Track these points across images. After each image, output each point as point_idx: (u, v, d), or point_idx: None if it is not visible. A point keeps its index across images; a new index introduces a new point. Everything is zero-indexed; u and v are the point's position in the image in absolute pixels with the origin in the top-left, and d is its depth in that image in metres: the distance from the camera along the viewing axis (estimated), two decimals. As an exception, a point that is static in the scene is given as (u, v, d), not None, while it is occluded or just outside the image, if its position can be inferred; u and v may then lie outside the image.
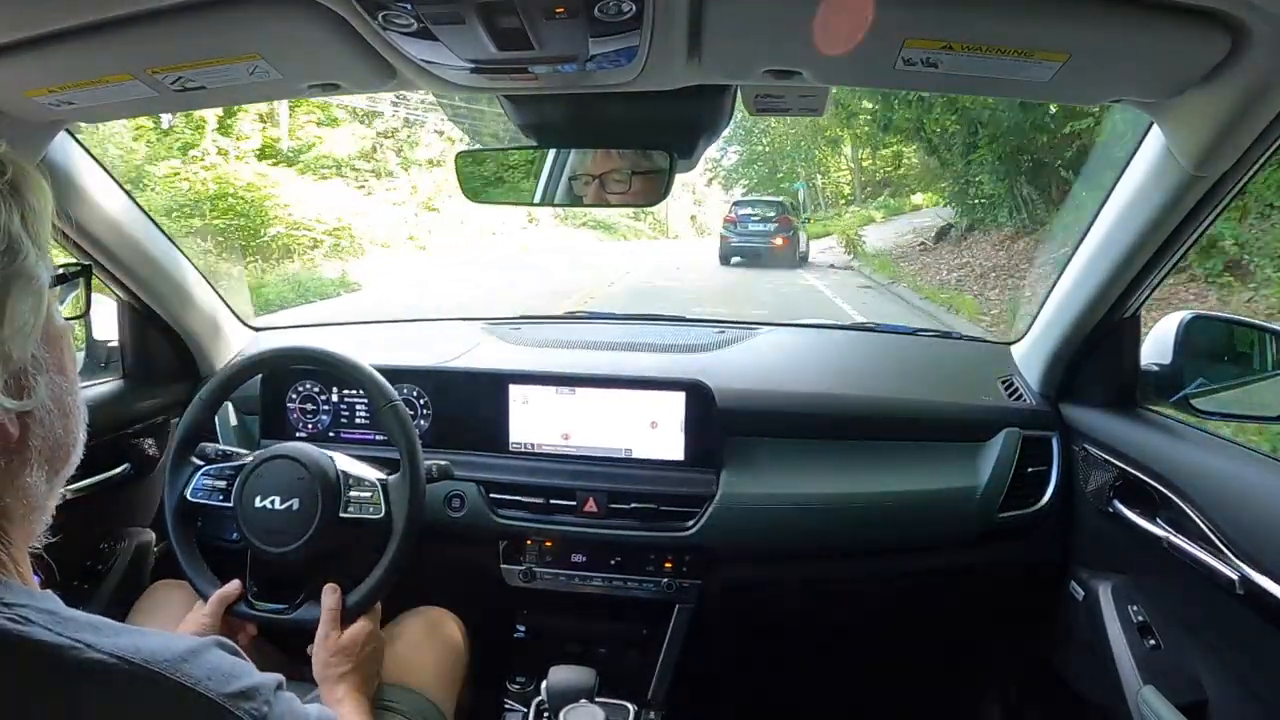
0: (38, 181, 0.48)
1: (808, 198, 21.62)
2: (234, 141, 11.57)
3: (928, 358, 1.59)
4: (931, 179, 15.54)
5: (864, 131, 14.67)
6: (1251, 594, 0.84)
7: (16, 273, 0.45)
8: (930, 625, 1.45)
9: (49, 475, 0.51)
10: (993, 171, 9.67)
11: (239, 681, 0.48)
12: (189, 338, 1.43)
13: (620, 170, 0.98)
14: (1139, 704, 1.02)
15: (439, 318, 1.95)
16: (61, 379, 0.51)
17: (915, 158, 17.30)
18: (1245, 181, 0.88)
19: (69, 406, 0.52)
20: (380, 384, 1.10)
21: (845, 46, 0.73)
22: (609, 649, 1.34)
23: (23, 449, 0.48)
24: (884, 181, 22.07)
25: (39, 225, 0.48)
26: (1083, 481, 1.22)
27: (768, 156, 24.30)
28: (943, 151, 11.15)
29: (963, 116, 9.82)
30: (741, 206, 14.44)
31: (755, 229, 13.49)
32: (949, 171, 11.28)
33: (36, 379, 0.48)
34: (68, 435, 0.52)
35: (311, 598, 1.04)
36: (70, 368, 0.52)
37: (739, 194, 28.90)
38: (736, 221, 13.80)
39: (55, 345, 0.50)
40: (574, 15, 0.65)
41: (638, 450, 1.29)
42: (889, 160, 20.18)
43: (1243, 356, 1.15)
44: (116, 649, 0.44)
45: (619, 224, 26.86)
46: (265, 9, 0.70)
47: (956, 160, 10.58)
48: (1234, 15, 0.62)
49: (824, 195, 24.53)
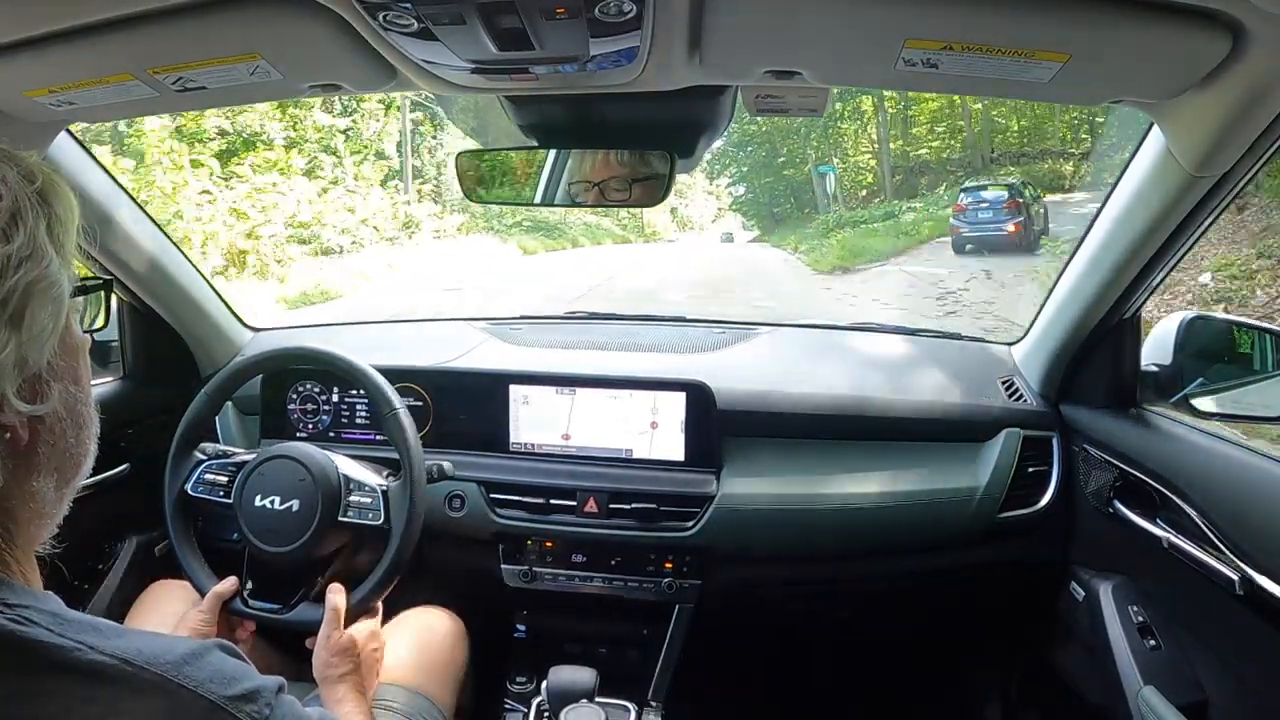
0: (65, 192, 0.49)
1: (838, 187, 19.03)
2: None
3: (928, 358, 1.59)
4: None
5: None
6: (1251, 594, 0.84)
7: (39, 279, 0.45)
8: (930, 625, 1.45)
9: (58, 483, 0.51)
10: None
11: (241, 684, 0.48)
12: (190, 338, 1.43)
13: (620, 171, 0.98)
14: (1139, 704, 1.02)
15: (440, 318, 1.95)
16: (76, 389, 0.51)
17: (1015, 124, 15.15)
18: (1245, 182, 0.88)
19: (82, 417, 0.52)
20: (383, 389, 1.09)
21: (845, 47, 0.73)
22: (609, 649, 1.34)
23: (32, 454, 0.48)
24: (918, 168, 18.31)
25: (64, 235, 0.48)
26: (1083, 482, 1.22)
27: (764, 136, 20.85)
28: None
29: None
30: (967, 195, 12.60)
31: (984, 217, 11.89)
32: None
33: (51, 386, 0.48)
34: (79, 445, 0.52)
35: (308, 598, 1.04)
36: (85, 379, 0.53)
37: (725, 182, 26.17)
38: (965, 210, 12.26)
39: (72, 355, 0.51)
40: (574, 16, 0.65)
41: (638, 450, 1.29)
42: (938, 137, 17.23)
43: (1242, 357, 1.15)
44: (118, 651, 0.44)
45: (568, 222, 21.00)
46: (266, 9, 0.70)
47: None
48: (1234, 16, 0.62)
49: (842, 186, 19.78)
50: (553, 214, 19.49)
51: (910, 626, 1.45)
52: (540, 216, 19.70)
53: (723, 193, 30.44)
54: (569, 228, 21.49)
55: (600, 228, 24.04)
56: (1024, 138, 16.82)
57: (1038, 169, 15.44)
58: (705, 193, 32.02)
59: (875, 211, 17.16)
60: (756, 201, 25.45)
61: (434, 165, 16.29)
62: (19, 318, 0.44)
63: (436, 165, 16.25)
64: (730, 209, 30.94)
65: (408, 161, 14.85)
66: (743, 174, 24.56)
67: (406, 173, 14.77)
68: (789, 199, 23.06)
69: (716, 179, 26.47)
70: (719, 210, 35.04)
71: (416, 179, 15.45)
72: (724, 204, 31.89)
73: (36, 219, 0.46)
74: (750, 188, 25.45)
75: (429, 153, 16.36)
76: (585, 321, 1.95)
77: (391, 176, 14.30)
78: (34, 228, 0.45)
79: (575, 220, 22.10)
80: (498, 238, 17.19)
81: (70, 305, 0.50)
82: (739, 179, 25.51)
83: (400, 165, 14.66)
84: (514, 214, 17.42)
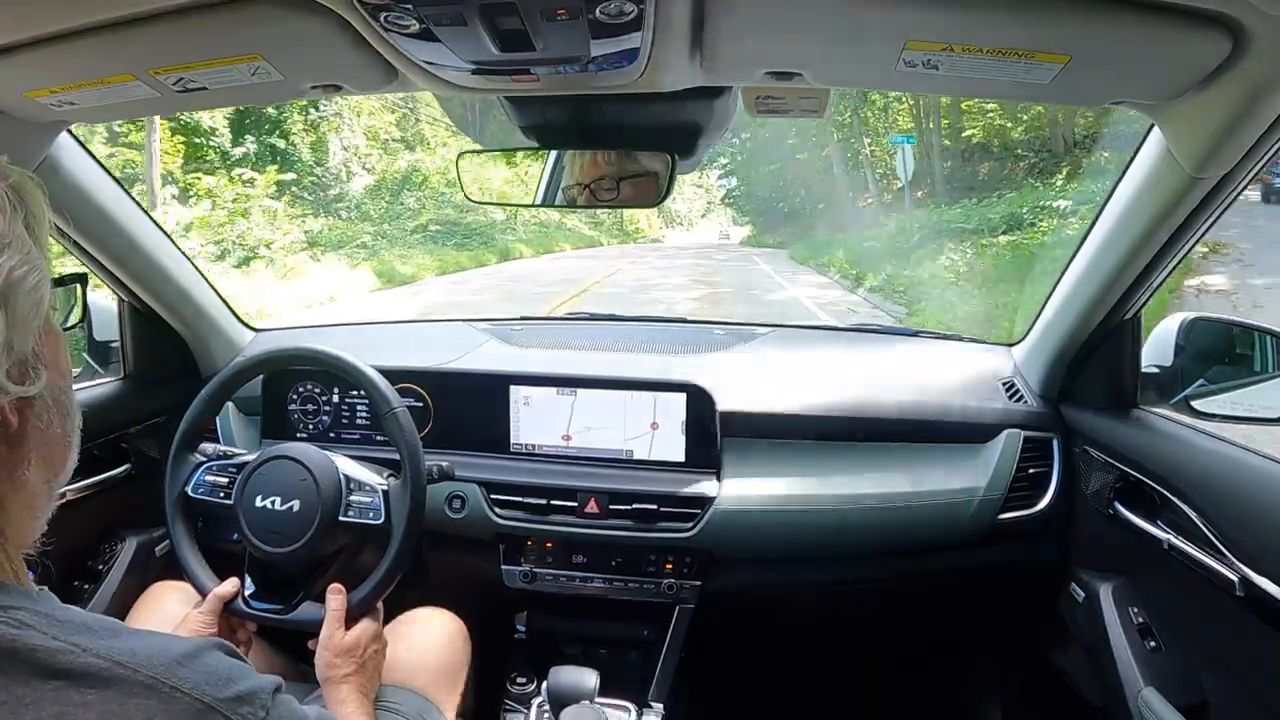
0: (35, 190, 0.51)
1: (911, 160, 13.55)
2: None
3: (929, 359, 1.59)
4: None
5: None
6: (1252, 595, 0.84)
7: (20, 264, 0.47)
8: (931, 626, 1.45)
9: (46, 475, 0.51)
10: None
11: (237, 685, 0.48)
12: (190, 338, 1.43)
13: (620, 171, 0.99)
14: (1139, 705, 1.02)
15: (440, 318, 1.95)
16: (58, 378, 0.52)
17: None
18: (1246, 183, 0.88)
19: (66, 406, 0.53)
20: (382, 389, 1.09)
21: (846, 49, 0.74)
22: (609, 650, 1.34)
23: (21, 441, 0.49)
24: (972, 153, 13.66)
25: (39, 229, 0.50)
26: (1083, 483, 1.22)
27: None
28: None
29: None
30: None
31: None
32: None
33: (39, 371, 0.49)
34: (65, 435, 0.53)
35: (309, 599, 1.04)
36: (67, 368, 0.54)
37: (717, 175, 23.88)
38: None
39: (54, 344, 0.52)
40: (575, 17, 0.65)
41: (639, 451, 1.29)
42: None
43: (1242, 358, 1.15)
44: (112, 652, 0.44)
45: (517, 223, 16.61)
46: (267, 10, 0.70)
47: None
48: (1234, 17, 0.62)
49: (876, 178, 15.10)
50: (482, 215, 16.65)
51: (910, 627, 1.45)
52: (468, 221, 15.83)
53: (714, 186, 28.30)
54: (505, 231, 16.45)
55: (565, 227, 20.04)
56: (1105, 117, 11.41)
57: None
58: (694, 185, 29.86)
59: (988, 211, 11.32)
60: (751, 195, 22.86)
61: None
62: (3, 301, 0.46)
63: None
64: (723, 203, 29.22)
65: (153, 169, 10.91)
66: (737, 164, 21.58)
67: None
68: (798, 191, 20.02)
69: (706, 170, 23.68)
70: (709, 206, 33.25)
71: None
72: (715, 198, 29.93)
73: (14, 211, 0.48)
74: (743, 180, 23.02)
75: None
76: (586, 322, 1.95)
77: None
78: (12, 221, 0.47)
79: (529, 219, 17.74)
80: (344, 260, 12.07)
81: (50, 297, 0.51)
82: (731, 170, 22.64)
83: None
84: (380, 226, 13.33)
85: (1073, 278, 1.17)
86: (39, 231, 0.50)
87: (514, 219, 17.71)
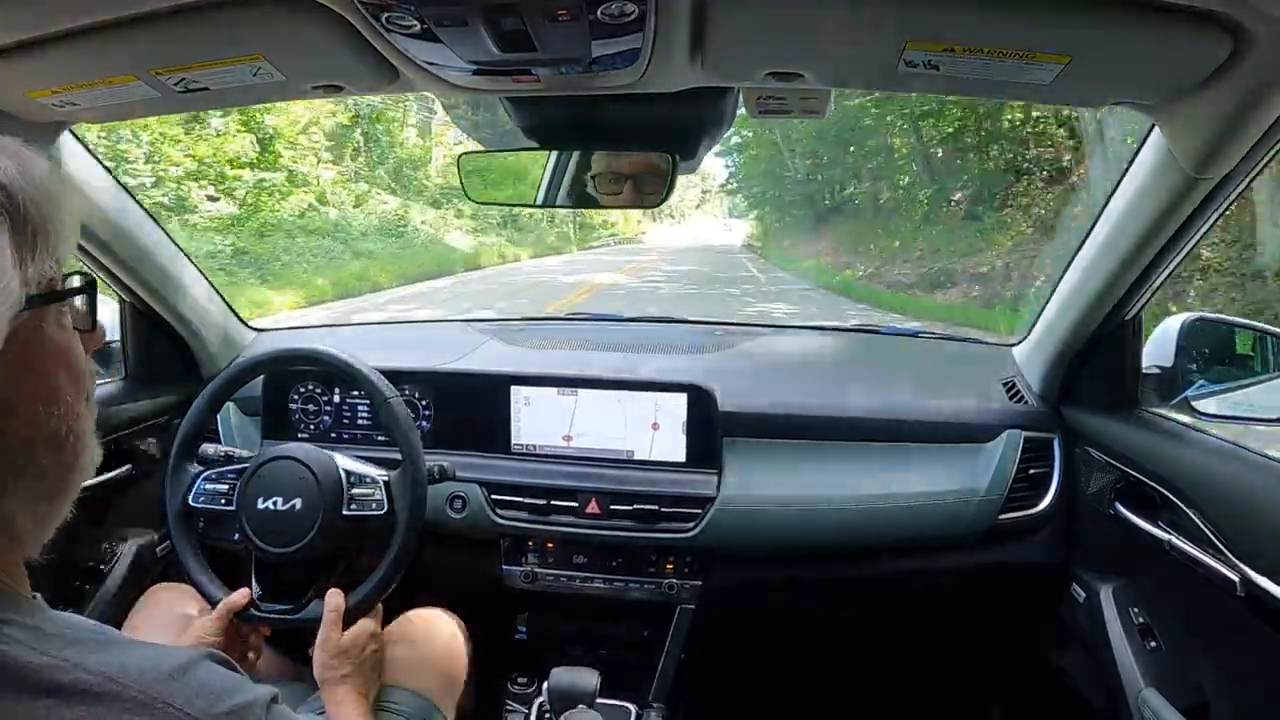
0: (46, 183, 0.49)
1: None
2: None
3: (929, 359, 1.59)
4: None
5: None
6: (1252, 596, 0.84)
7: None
8: (931, 626, 1.45)
9: (36, 509, 0.48)
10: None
11: (230, 699, 0.46)
12: (191, 338, 1.43)
13: (621, 172, 0.99)
14: (1140, 706, 1.02)
15: (441, 319, 1.96)
16: (49, 409, 0.49)
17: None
18: (1246, 184, 0.88)
19: (62, 438, 0.50)
20: (376, 381, 1.10)
21: (847, 49, 0.74)
22: (610, 650, 1.34)
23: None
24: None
25: (43, 232, 0.48)
26: (1084, 483, 1.22)
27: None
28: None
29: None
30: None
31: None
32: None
33: (15, 408, 0.46)
34: (59, 469, 0.49)
35: (318, 597, 1.03)
36: (64, 395, 0.50)
37: (715, 152, 22.93)
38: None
39: (40, 372, 0.49)
40: (576, 17, 0.65)
41: (639, 451, 1.29)
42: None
43: (1243, 359, 1.15)
44: (103, 667, 0.43)
45: (447, 227, 13.79)
46: (268, 10, 0.70)
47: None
48: (1235, 18, 0.62)
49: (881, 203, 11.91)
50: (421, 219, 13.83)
51: (910, 627, 1.45)
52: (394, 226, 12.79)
53: (707, 174, 24.19)
54: (428, 244, 13.21)
55: (522, 228, 15.50)
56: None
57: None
58: (686, 183, 28.48)
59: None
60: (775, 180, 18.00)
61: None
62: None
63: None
64: (721, 191, 26.39)
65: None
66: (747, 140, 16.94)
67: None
68: (815, 176, 15.89)
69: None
70: (704, 195, 30.52)
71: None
72: (710, 186, 26.61)
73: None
74: (753, 160, 18.66)
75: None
76: (587, 322, 1.95)
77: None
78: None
79: (464, 227, 14.66)
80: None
81: (55, 310, 0.48)
82: (727, 150, 18.15)
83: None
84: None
85: (1073, 278, 1.17)
86: (44, 236, 0.46)
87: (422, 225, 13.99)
